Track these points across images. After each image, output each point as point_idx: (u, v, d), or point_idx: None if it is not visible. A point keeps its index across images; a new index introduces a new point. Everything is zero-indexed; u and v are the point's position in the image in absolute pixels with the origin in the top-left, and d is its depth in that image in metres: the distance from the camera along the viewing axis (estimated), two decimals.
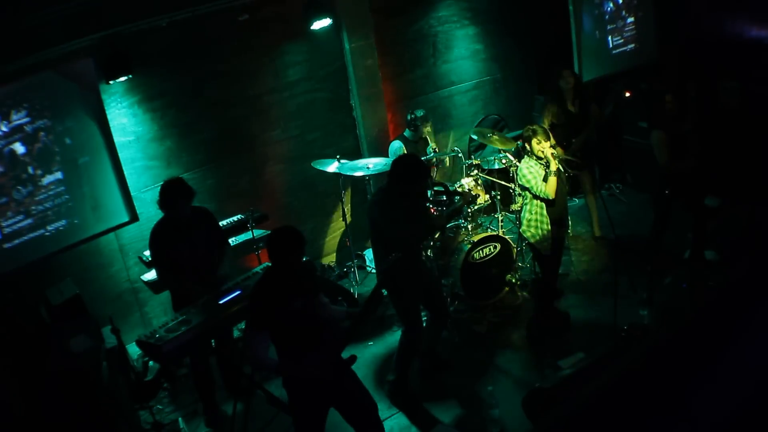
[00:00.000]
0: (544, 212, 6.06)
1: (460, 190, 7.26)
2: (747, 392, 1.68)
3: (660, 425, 1.64)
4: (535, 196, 6.01)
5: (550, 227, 6.10)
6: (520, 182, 6.11)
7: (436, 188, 7.08)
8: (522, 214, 6.31)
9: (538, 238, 6.14)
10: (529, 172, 5.99)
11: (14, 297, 6.05)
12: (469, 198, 6.60)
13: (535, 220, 6.11)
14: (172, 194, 5.47)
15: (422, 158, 7.42)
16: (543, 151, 5.95)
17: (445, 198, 6.95)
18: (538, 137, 5.97)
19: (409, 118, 7.65)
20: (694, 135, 6.63)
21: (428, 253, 7.07)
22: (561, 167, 6.00)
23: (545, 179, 5.95)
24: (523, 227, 6.23)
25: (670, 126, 6.55)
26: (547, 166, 5.96)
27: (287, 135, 7.99)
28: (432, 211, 6.81)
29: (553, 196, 5.98)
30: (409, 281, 5.57)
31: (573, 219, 8.22)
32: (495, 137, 7.50)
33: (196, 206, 5.71)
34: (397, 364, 5.95)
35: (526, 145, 6.04)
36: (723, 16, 8.48)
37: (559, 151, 6.09)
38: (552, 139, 6.07)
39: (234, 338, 6.53)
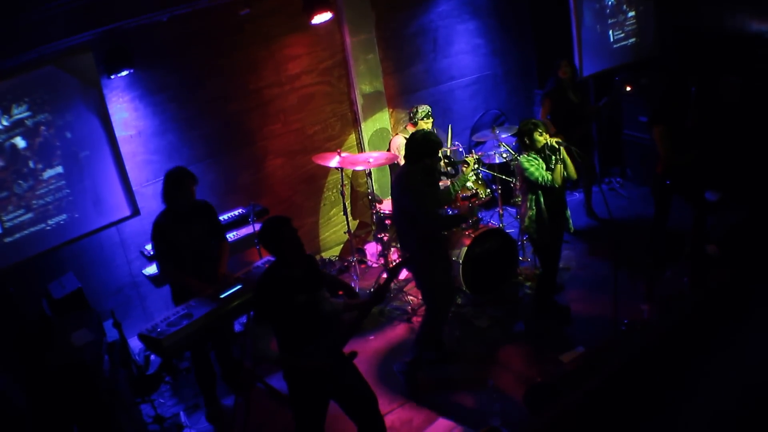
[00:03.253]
0: (543, 206, 6.07)
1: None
2: (747, 384, 1.69)
3: (660, 419, 1.65)
4: (540, 186, 6.00)
5: (549, 219, 6.11)
6: (522, 176, 6.08)
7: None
8: (522, 211, 6.30)
9: (541, 232, 6.15)
10: (530, 164, 5.99)
11: (16, 291, 6.06)
12: (470, 161, 6.56)
13: (536, 213, 6.11)
14: (176, 177, 5.53)
15: None
16: (547, 141, 5.97)
17: (450, 169, 7.02)
18: (540, 129, 6.00)
19: (411, 113, 7.60)
20: (695, 129, 6.63)
21: None
22: (573, 150, 6.01)
23: (550, 168, 5.97)
24: (526, 223, 6.21)
25: (669, 119, 6.55)
26: (552, 154, 6.00)
27: (288, 129, 7.99)
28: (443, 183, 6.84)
29: (560, 183, 6.01)
30: (439, 260, 5.74)
31: (572, 214, 8.22)
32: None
33: (198, 199, 5.74)
34: (418, 341, 5.99)
35: (526, 139, 6.04)
36: (723, 10, 8.47)
37: (561, 138, 6.12)
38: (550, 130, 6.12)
39: (235, 332, 6.54)
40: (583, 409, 1.74)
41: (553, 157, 5.99)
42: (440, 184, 6.37)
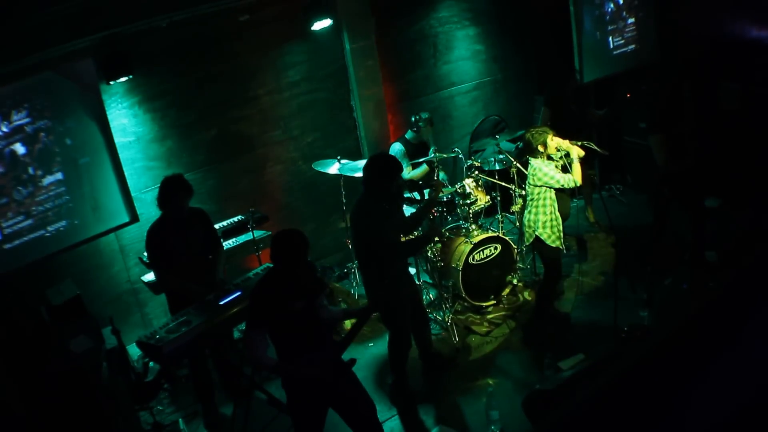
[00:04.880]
0: (557, 212, 6.07)
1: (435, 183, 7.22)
2: (747, 394, 1.67)
3: (660, 427, 1.64)
4: (557, 190, 6.02)
5: (561, 225, 6.12)
6: (540, 182, 6.07)
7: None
8: (530, 218, 6.22)
9: (554, 237, 6.12)
10: (549, 169, 5.99)
11: (15, 297, 6.04)
12: (440, 186, 6.51)
13: (550, 220, 6.08)
14: (172, 186, 5.50)
15: (423, 159, 7.45)
16: (560, 145, 6.00)
17: (417, 195, 6.98)
18: (550, 134, 6.02)
19: (413, 119, 7.64)
20: (692, 136, 6.64)
21: (429, 254, 7.09)
22: (592, 145, 6.04)
23: (568, 170, 5.99)
24: (539, 230, 6.14)
25: (668, 127, 6.55)
26: (567, 155, 6.04)
27: (288, 136, 7.99)
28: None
29: (581, 181, 6.03)
30: (400, 289, 5.58)
31: (572, 221, 8.21)
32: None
33: (192, 207, 5.73)
34: (392, 367, 5.98)
35: (539, 147, 6.02)
36: (723, 17, 8.47)
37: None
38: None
39: (234, 339, 6.52)
40: (583, 417, 1.73)
41: (568, 159, 6.01)
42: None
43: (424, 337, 6.14)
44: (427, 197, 6.03)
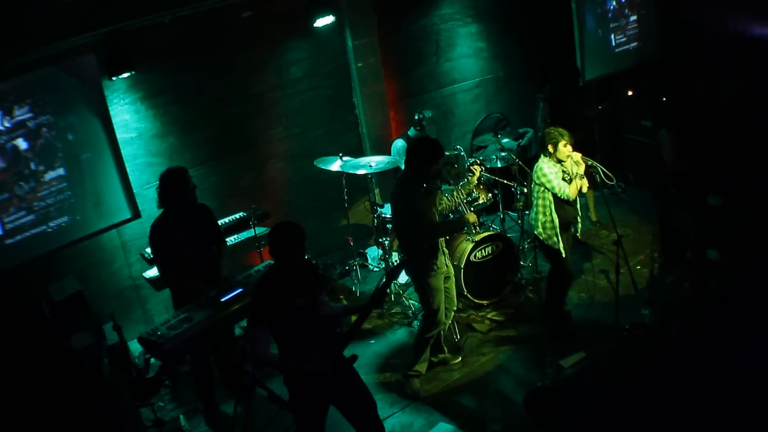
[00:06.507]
0: (554, 214, 6.05)
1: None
2: (749, 390, 1.67)
3: (663, 424, 1.64)
4: (554, 196, 6.01)
5: (559, 228, 6.10)
6: (538, 181, 6.07)
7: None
8: (532, 216, 6.26)
9: (552, 240, 6.12)
10: (550, 171, 5.98)
11: (16, 293, 6.04)
12: (478, 169, 6.51)
13: (549, 221, 6.08)
14: (177, 171, 5.50)
15: None
16: (570, 155, 5.96)
17: (457, 176, 7.03)
18: (566, 139, 5.97)
19: (417, 117, 7.62)
20: (701, 135, 6.64)
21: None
22: (597, 172, 6.00)
23: (568, 181, 5.97)
24: (539, 229, 6.18)
25: (682, 125, 6.56)
26: (573, 167, 6.03)
27: (290, 133, 7.99)
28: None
29: (574, 198, 6.03)
30: (434, 270, 5.69)
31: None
32: None
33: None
34: (415, 350, 6.00)
35: (550, 147, 6.02)
36: (725, 15, 8.46)
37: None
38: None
39: (235, 336, 6.52)
40: (586, 417, 1.73)
41: (573, 172, 6.00)
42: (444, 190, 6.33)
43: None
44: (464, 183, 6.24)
